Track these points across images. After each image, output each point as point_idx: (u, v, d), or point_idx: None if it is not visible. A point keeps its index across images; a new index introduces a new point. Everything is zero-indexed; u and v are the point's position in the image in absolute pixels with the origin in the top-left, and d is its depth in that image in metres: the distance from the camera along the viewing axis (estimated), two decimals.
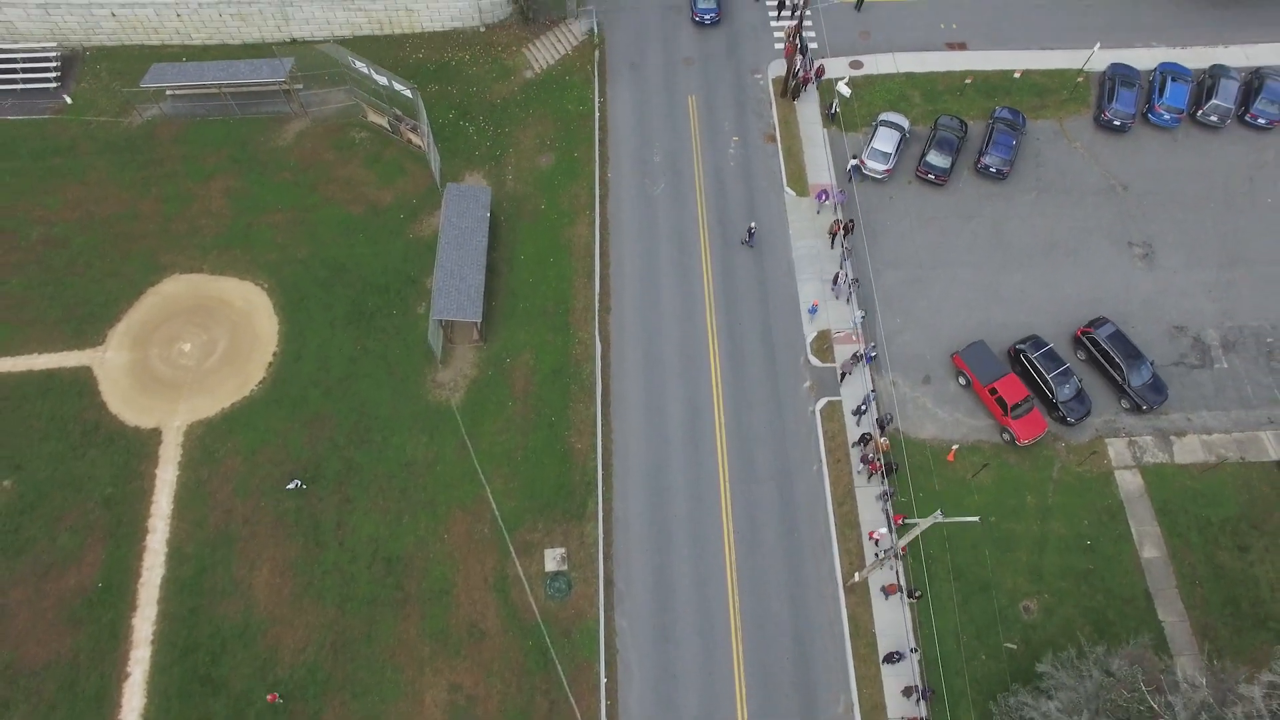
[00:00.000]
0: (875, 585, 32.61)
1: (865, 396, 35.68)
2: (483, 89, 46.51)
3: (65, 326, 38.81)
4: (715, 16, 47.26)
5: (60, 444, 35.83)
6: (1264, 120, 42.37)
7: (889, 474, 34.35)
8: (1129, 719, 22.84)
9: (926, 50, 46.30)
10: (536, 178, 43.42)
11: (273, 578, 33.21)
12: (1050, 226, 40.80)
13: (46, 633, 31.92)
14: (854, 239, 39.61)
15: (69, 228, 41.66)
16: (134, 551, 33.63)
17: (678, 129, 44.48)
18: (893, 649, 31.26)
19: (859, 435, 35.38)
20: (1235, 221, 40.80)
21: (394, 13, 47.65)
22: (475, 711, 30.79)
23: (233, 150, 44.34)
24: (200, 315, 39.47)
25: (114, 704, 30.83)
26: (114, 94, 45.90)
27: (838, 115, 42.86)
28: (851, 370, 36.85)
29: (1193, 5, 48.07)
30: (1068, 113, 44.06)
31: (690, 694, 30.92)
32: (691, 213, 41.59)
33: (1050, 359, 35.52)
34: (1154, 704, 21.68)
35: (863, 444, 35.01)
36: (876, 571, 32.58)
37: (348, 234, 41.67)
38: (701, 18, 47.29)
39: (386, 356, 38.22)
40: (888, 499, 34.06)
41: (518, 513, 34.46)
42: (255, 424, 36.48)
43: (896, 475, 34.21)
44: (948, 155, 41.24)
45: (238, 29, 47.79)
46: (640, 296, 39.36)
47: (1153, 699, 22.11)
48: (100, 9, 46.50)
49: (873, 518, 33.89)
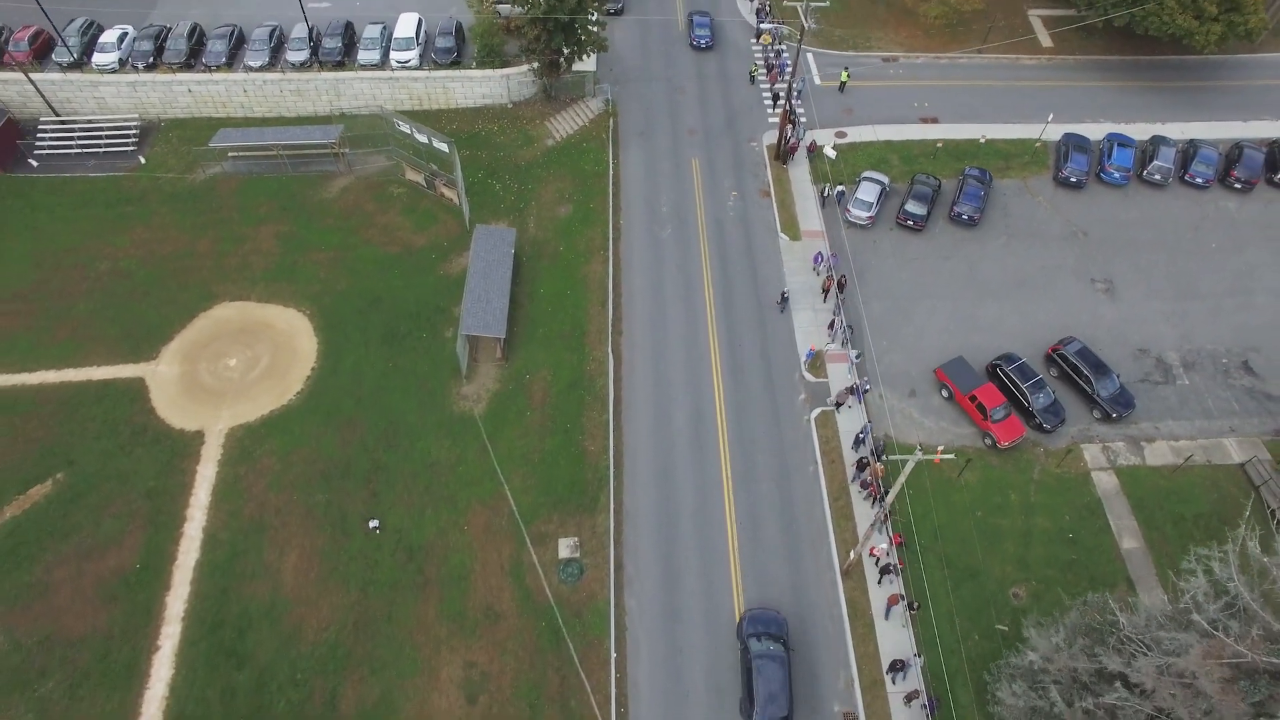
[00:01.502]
0: (874, 584, 34.18)
1: (863, 427, 38.21)
2: (509, 154, 52.33)
3: (123, 343, 42.46)
4: (709, 41, 57.30)
5: (110, 442, 38.63)
6: (1201, 179, 47.72)
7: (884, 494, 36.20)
8: (1100, 634, 24.45)
9: (903, 123, 52.41)
10: (556, 225, 48.29)
11: (300, 563, 35.12)
12: (1020, 265, 45.16)
13: (85, 608, 33.58)
14: (848, 293, 43.22)
15: (133, 262, 46.15)
16: (171, 537, 35.73)
17: (682, 185, 49.82)
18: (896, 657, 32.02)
19: (857, 459, 37.67)
20: (1185, 263, 45.17)
21: (432, 91, 54.32)
22: (489, 686, 31.95)
23: (283, 201, 49.54)
24: (246, 335, 43.19)
25: (143, 674, 32.10)
26: (182, 155, 51.78)
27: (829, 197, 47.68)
28: (847, 401, 39.86)
29: (1134, 91, 54.73)
30: (1030, 173, 49.50)
31: (697, 670, 32.17)
32: (695, 251, 46.12)
33: (1024, 372, 38.80)
34: (1121, 617, 23.43)
35: (860, 469, 37.23)
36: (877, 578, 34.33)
37: (384, 270, 46.02)
38: (698, 42, 57.15)
39: (415, 372, 41.55)
40: (886, 519, 36.19)
41: (533, 507, 36.72)
42: (292, 429, 39.37)
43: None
44: (924, 205, 46.18)
45: (295, 103, 54.34)
46: (649, 321, 43.16)
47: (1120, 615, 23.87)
48: (179, 86, 53.22)
49: (866, 513, 35.98)
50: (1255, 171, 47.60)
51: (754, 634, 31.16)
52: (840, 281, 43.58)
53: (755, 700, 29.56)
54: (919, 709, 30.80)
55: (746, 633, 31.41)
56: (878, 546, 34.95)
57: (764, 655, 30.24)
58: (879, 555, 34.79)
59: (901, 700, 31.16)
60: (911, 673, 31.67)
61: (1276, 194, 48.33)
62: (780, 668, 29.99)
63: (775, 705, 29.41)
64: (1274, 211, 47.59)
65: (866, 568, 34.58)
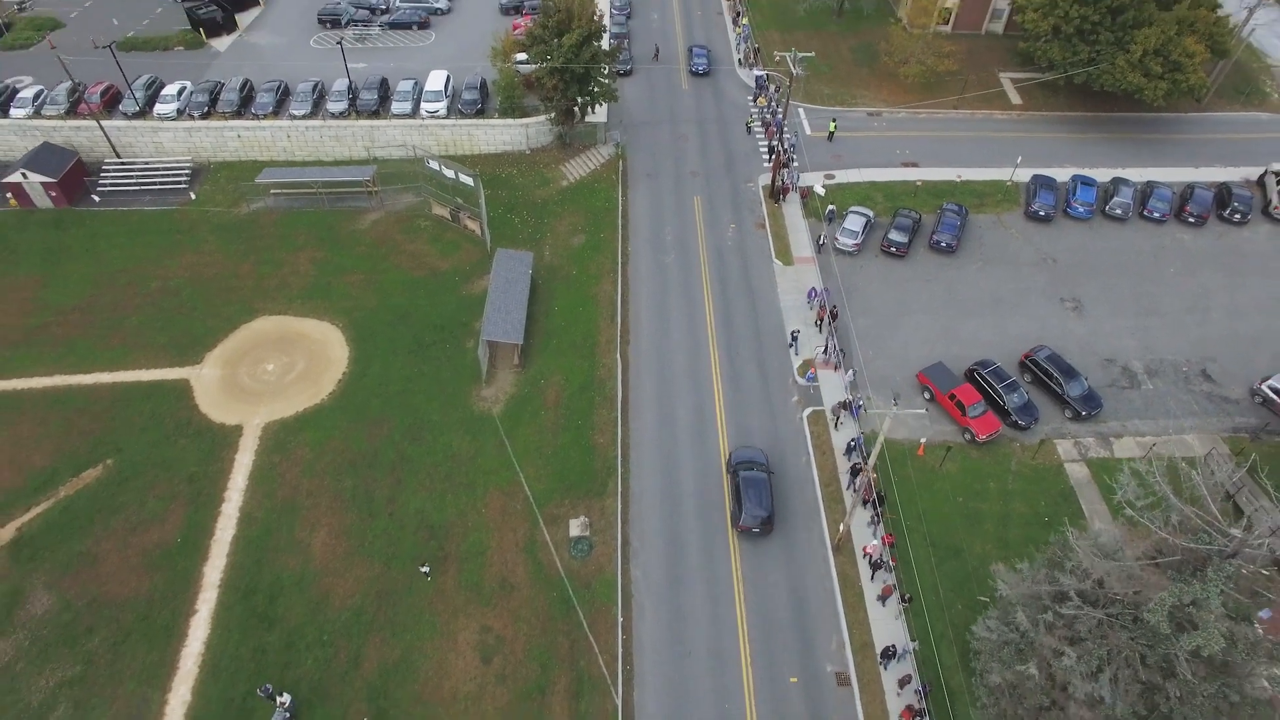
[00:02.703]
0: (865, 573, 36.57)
1: (854, 437, 41.07)
2: (527, 193, 57.35)
3: (171, 350, 46.27)
4: (706, 68, 66.39)
5: (156, 434, 41.91)
6: (1158, 214, 52.34)
7: (880, 503, 38.72)
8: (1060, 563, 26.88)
9: (886, 167, 57.54)
10: (569, 252, 52.72)
11: (329, 539, 37.81)
12: (994, 287, 49.17)
13: (129, 575, 36.17)
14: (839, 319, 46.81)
15: (181, 282, 50.47)
16: (210, 515, 38.56)
17: (685, 219, 54.51)
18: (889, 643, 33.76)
19: (850, 466, 40.45)
20: (1146, 286, 49.15)
21: (458, 137, 59.90)
22: (503, 649, 34.13)
23: (320, 232, 54.24)
24: (283, 344, 46.99)
25: (182, 633, 34.43)
26: (229, 192, 56.93)
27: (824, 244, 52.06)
28: (840, 416, 42.99)
29: (1097, 142, 60.09)
30: (1002, 209, 54.17)
31: (698, 630, 34.38)
32: (696, 274, 50.31)
33: (999, 375, 42.20)
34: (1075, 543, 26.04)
35: (854, 475, 39.98)
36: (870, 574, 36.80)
37: (411, 290, 50.19)
38: (696, 69, 66.48)
39: (438, 377, 45.09)
40: (878, 521, 38.94)
41: (546, 492, 39.57)
42: (323, 424, 42.66)
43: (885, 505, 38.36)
44: (906, 234, 50.60)
45: (333, 148, 59.89)
46: (654, 332, 46.93)
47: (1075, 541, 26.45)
48: (229, 132, 58.91)
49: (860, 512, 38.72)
50: (1205, 207, 52.22)
51: (740, 464, 38.63)
52: (833, 311, 47.27)
53: (743, 506, 36.83)
54: (911, 694, 32.39)
55: (735, 464, 38.77)
56: (870, 544, 37.44)
57: (749, 475, 37.87)
58: (871, 553, 37.18)
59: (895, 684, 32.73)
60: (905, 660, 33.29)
61: (1226, 228, 52.80)
62: (762, 484, 37.55)
63: (760, 507, 36.76)
64: (1224, 242, 51.93)
65: (856, 547, 37.06)
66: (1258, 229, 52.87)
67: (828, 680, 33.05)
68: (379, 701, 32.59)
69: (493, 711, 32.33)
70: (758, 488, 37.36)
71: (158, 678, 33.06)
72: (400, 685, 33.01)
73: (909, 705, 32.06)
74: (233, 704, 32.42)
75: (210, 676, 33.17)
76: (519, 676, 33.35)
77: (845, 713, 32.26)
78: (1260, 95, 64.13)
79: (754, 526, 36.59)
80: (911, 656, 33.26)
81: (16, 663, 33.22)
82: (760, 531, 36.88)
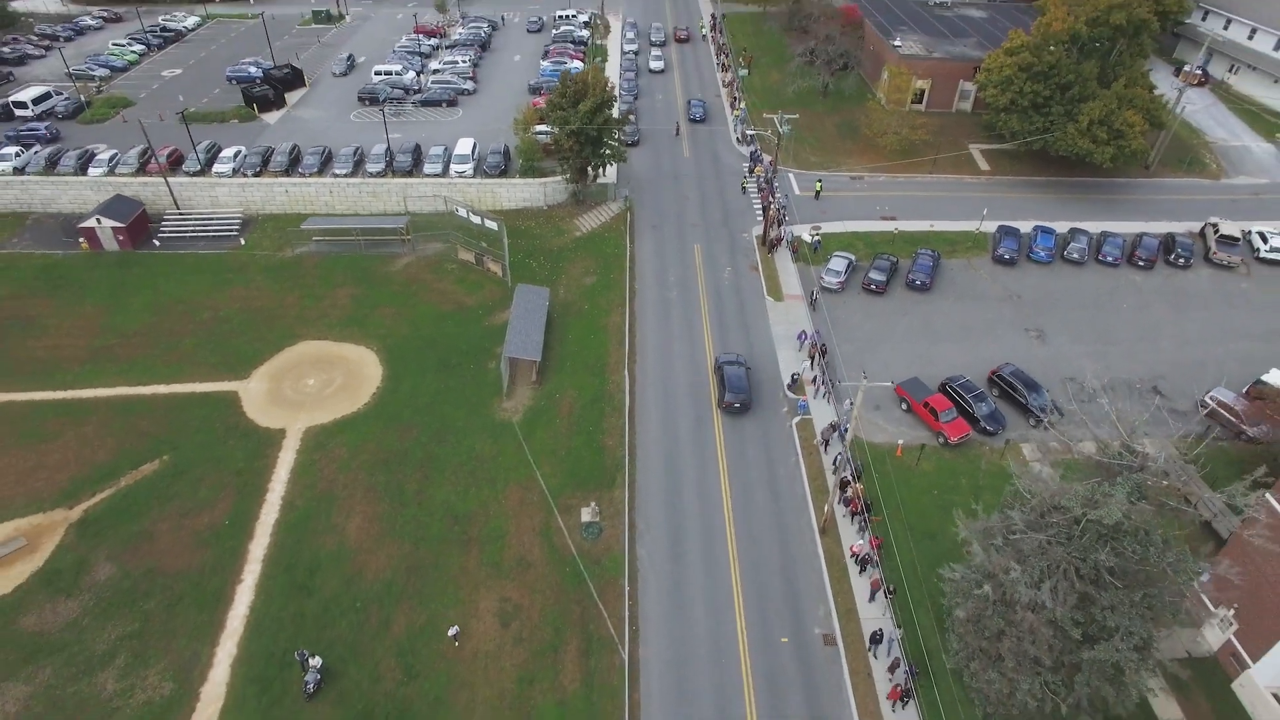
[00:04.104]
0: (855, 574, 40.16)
1: (840, 453, 45.25)
2: (544, 242, 63.70)
3: (221, 367, 51.32)
4: (703, 115, 77.89)
5: (208, 435, 46.43)
6: (1111, 258, 58.38)
7: (868, 511, 42.30)
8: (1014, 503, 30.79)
9: (867, 220, 64.05)
10: (582, 290, 58.45)
11: (363, 524, 41.70)
12: (965, 319, 54.51)
13: (182, 551, 39.96)
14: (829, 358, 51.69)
15: (231, 312, 56.07)
16: (256, 502, 42.60)
17: (686, 263, 60.53)
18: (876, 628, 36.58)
19: (839, 480, 44.47)
20: (1103, 319, 54.44)
21: (483, 194, 66.84)
22: (520, 615, 37.52)
23: (357, 273, 60.25)
24: (323, 363, 52.07)
25: (229, 599, 37.94)
26: (276, 239, 63.38)
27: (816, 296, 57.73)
28: (830, 439, 47.38)
29: (1057, 202, 66.84)
30: (972, 255, 60.20)
31: (697, 599, 37.79)
32: (696, 307, 55.83)
33: (968, 387, 46.91)
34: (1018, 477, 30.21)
35: (842, 488, 44.00)
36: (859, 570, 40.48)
37: (439, 321, 55.66)
38: (694, 115, 77.80)
39: (463, 391, 49.88)
40: (865, 529, 42.88)
41: (560, 487, 43.65)
42: (359, 428, 47.19)
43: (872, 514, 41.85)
44: (884, 273, 56.39)
45: (370, 203, 66.78)
46: (658, 354, 51.96)
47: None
48: (278, 187, 65.99)
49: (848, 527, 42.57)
50: (1153, 252, 58.30)
51: (724, 363, 48.40)
52: (822, 348, 52.25)
53: (725, 390, 46.63)
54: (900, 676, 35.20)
55: (720, 363, 48.75)
56: (857, 544, 41.23)
57: (731, 367, 47.93)
58: (858, 552, 40.88)
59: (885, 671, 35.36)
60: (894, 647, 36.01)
61: (1172, 271, 58.72)
62: (742, 375, 47.64)
63: (740, 393, 46.26)
64: (1171, 283, 57.67)
65: (842, 529, 40.91)
66: (1200, 272, 58.77)
67: (815, 641, 36.30)
68: (406, 659, 35.78)
69: (510, 668, 35.49)
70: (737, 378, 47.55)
71: (207, 635, 36.43)
72: (426, 645, 36.28)
73: (896, 684, 34.82)
74: (274, 658, 35.65)
75: (254, 635, 36.52)
76: (534, 638, 36.62)
77: (832, 670, 35.39)
78: (1201, 164, 71.55)
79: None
80: (898, 643, 36.32)
81: (83, 618, 36.69)
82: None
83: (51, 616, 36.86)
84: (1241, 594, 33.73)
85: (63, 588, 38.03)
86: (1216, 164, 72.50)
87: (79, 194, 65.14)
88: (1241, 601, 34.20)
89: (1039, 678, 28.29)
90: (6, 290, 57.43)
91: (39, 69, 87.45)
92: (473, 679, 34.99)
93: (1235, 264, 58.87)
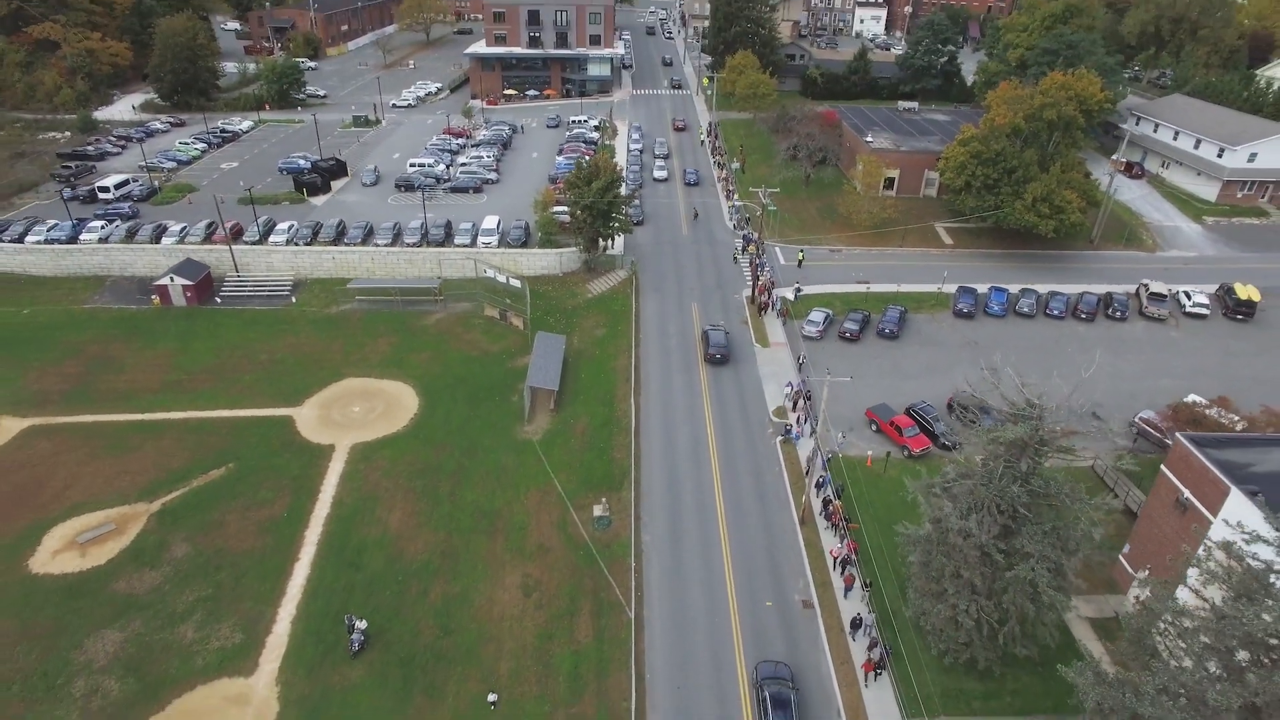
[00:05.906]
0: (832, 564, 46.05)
1: (821, 475, 52.08)
2: (559, 302, 72.37)
3: (277, 398, 58.73)
4: (696, 179, 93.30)
5: (267, 449, 53.32)
6: (1057, 312, 66.89)
7: (848, 524, 48.80)
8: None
9: (843, 283, 72.92)
10: (593, 340, 66.54)
11: (403, 518, 48.00)
12: (929, 360, 62.20)
13: (247, 535, 46.15)
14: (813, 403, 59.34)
15: (284, 355, 64.02)
16: (310, 499, 49.04)
17: (684, 318, 68.89)
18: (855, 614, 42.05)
19: (822, 499, 51.03)
20: (1050, 361, 61.95)
21: (506, 262, 76.10)
22: (540, 587, 43.30)
23: (395, 326, 68.61)
24: (367, 395, 59.51)
25: (287, 572, 43.87)
26: (323, 298, 72.16)
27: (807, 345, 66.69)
28: (813, 466, 54.31)
29: (1012, 270, 75.91)
30: (935, 311, 68.60)
31: (694, 573, 43.59)
32: (694, 352, 63.69)
33: (928, 410, 54.10)
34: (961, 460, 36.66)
35: (825, 506, 50.52)
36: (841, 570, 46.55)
37: (468, 363, 63.48)
38: (688, 180, 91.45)
39: (490, 418, 57.03)
40: (844, 536, 49.23)
41: (575, 490, 50.10)
42: (399, 445, 54.10)
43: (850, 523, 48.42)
44: (858, 324, 64.61)
45: (406, 269, 75.98)
46: (660, 387, 59.38)
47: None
48: (326, 254, 75.42)
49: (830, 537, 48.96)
50: (1093, 307, 66.82)
51: (710, 328, 59.95)
52: (806, 395, 59.67)
53: (708, 347, 59.36)
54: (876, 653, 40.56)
55: (705, 330, 61.39)
56: (835, 547, 47.38)
57: (714, 336, 58.81)
58: (836, 554, 46.98)
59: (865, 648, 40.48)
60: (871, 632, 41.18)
61: (1111, 323, 66.98)
62: (726, 339, 60.33)
63: (722, 348, 58.53)
64: (1110, 332, 65.79)
65: (819, 520, 47.13)
66: (1135, 324, 67.05)
67: (795, 605, 41.96)
68: (442, 619, 41.42)
69: (532, 626, 41.06)
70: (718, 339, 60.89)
71: (270, 599, 42.19)
72: (459, 609, 41.96)
73: (869, 658, 40.01)
74: (328, 617, 41.30)
75: (310, 599, 42.29)
76: (553, 605, 42.30)
77: (810, 626, 40.94)
78: (1138, 240, 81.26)
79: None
80: (875, 626, 41.77)
81: (165, 585, 42.57)
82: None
83: (139, 583, 42.77)
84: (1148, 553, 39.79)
85: (147, 561, 44.07)
86: (1153, 240, 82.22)
87: (153, 259, 74.44)
88: (1149, 559, 40.21)
89: (975, 602, 34.21)
90: (90, 336, 65.61)
91: (116, 164, 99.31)
92: (500, 634, 40.55)
93: (1165, 316, 67.15)
